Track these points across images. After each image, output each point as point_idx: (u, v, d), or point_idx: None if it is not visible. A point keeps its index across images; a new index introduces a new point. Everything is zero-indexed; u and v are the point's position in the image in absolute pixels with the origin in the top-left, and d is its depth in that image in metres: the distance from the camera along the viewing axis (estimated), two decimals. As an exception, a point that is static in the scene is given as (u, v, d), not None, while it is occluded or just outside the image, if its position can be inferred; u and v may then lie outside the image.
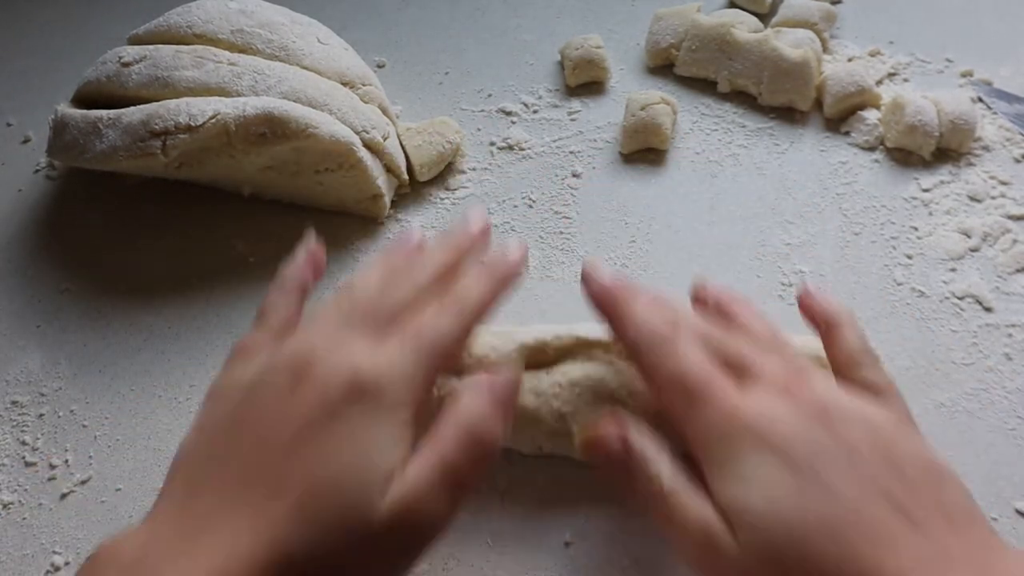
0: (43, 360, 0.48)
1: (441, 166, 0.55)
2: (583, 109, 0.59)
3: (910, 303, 0.46)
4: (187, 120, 0.47)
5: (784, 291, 0.47)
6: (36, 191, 0.58)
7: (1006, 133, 0.54)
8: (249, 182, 0.53)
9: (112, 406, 0.45)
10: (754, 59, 0.56)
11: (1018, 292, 0.46)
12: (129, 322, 0.49)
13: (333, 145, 0.49)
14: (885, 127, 0.54)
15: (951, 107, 0.52)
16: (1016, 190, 0.51)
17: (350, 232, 0.53)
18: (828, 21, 0.61)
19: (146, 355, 0.48)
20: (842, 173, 0.53)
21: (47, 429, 0.45)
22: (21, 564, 0.40)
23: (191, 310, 0.49)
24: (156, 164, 0.48)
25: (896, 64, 0.59)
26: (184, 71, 0.50)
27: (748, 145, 0.55)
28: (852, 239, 0.50)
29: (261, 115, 0.47)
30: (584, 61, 0.59)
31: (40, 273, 0.53)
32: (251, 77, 0.50)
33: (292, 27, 0.54)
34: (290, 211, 0.53)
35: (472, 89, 0.61)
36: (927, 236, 0.49)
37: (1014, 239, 0.48)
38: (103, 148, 0.49)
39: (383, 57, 0.65)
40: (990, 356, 0.44)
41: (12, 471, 0.43)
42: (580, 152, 0.56)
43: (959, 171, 0.52)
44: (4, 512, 0.42)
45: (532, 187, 0.54)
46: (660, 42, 0.60)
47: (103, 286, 0.51)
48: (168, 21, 0.54)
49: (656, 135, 0.54)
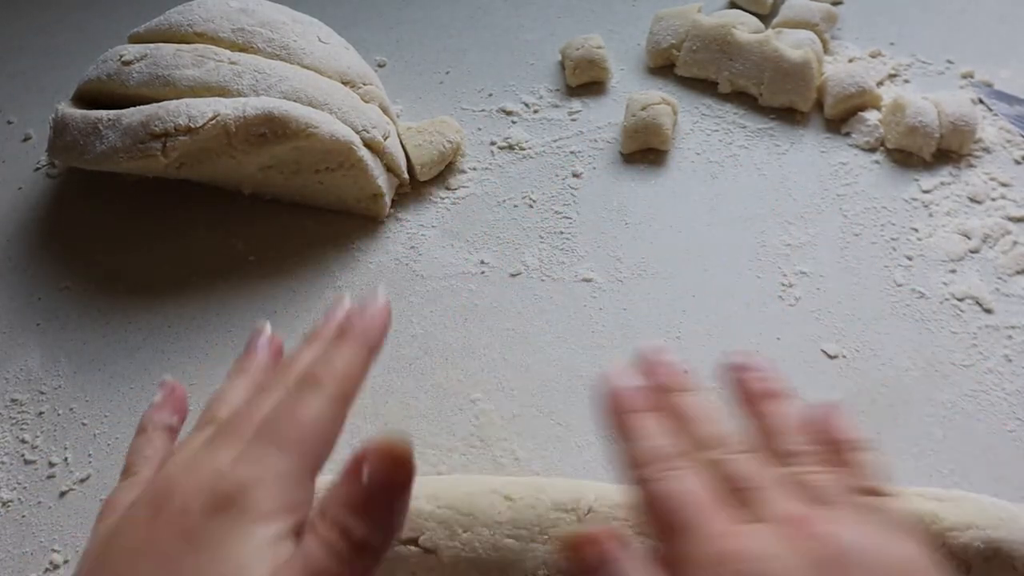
0: (43, 358, 0.48)
1: (441, 166, 0.55)
2: (584, 109, 0.59)
3: (910, 304, 0.46)
4: (187, 121, 0.47)
5: (784, 291, 0.47)
6: (36, 189, 0.58)
7: (1006, 135, 0.54)
8: (249, 181, 0.53)
9: (111, 404, 0.45)
10: (755, 60, 0.56)
11: (1018, 294, 0.46)
12: (129, 320, 0.49)
13: (333, 144, 0.49)
14: (886, 128, 0.54)
15: (952, 108, 0.52)
16: (1016, 192, 0.51)
17: (350, 231, 0.53)
18: (829, 22, 0.61)
19: (145, 353, 0.48)
20: (842, 174, 0.53)
21: (46, 427, 0.45)
22: (20, 562, 0.40)
23: (191, 309, 0.49)
24: (156, 165, 0.48)
25: (897, 65, 0.59)
26: (185, 70, 0.50)
27: (748, 146, 0.55)
28: (852, 240, 0.50)
29: (261, 115, 0.47)
30: (585, 61, 0.59)
31: (40, 271, 0.53)
32: (252, 76, 0.50)
33: (293, 26, 0.54)
34: (290, 210, 0.53)
35: (473, 89, 0.61)
36: (927, 237, 0.49)
37: (1014, 241, 0.48)
38: (103, 149, 0.49)
39: (384, 56, 0.65)
40: (990, 358, 0.44)
41: (11, 469, 0.43)
42: (580, 152, 0.56)
43: (959, 172, 0.52)
44: (3, 510, 0.42)
45: (532, 187, 0.54)
46: (661, 42, 0.60)
47: (103, 284, 0.51)
48: (169, 20, 0.54)
49: (657, 135, 0.54)
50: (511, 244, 0.51)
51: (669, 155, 0.55)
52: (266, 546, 0.27)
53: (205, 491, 0.27)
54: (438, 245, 0.51)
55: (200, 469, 0.28)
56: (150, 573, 0.26)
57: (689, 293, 0.48)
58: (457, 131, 0.55)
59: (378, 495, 0.28)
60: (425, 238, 0.52)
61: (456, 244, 0.50)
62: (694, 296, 0.48)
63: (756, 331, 0.46)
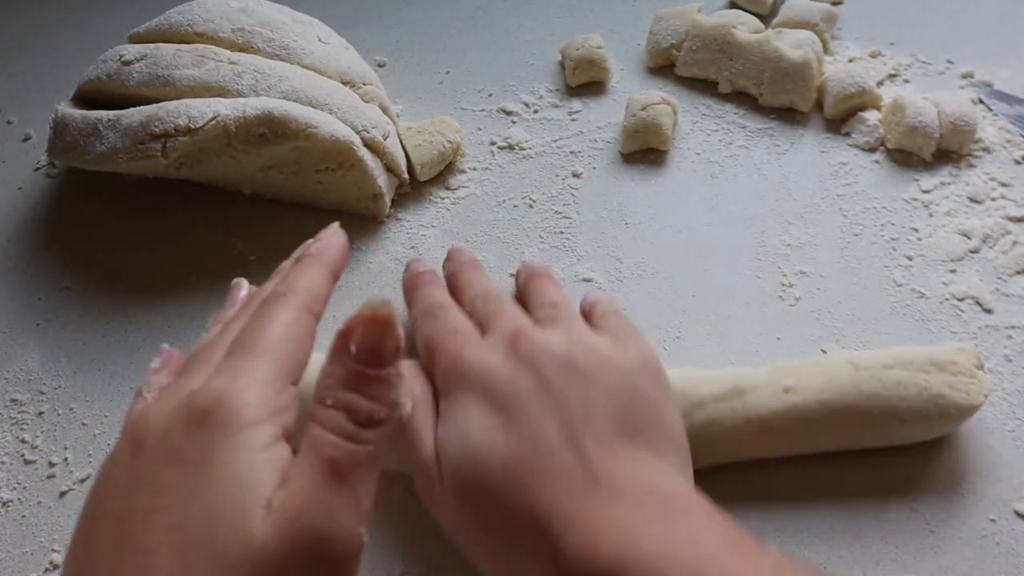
0: (43, 358, 0.48)
1: (441, 166, 0.55)
2: (584, 109, 0.59)
3: (910, 304, 0.46)
4: (187, 122, 0.47)
5: (784, 292, 0.47)
6: (36, 189, 0.58)
7: (1006, 135, 0.54)
8: (249, 182, 0.53)
9: (111, 404, 0.45)
10: (755, 60, 0.56)
11: (1018, 294, 0.46)
12: (129, 320, 0.49)
13: (333, 144, 0.49)
14: (886, 128, 0.54)
15: (952, 108, 0.52)
16: (1016, 192, 0.51)
17: (350, 232, 0.51)
18: (829, 22, 0.61)
19: (145, 353, 0.47)
20: (842, 174, 0.53)
21: (46, 427, 0.45)
22: (20, 562, 0.40)
23: (191, 309, 0.49)
24: (156, 166, 0.48)
25: (897, 65, 0.59)
26: (185, 70, 0.50)
27: (748, 146, 0.55)
28: (852, 240, 0.50)
29: (261, 116, 0.47)
30: (585, 61, 0.59)
31: (40, 271, 0.53)
32: (252, 76, 0.50)
33: (293, 26, 0.54)
34: (290, 211, 0.53)
35: (473, 89, 0.61)
36: (927, 237, 0.49)
37: (1014, 241, 0.48)
38: (103, 150, 0.49)
39: (384, 56, 0.65)
40: (990, 358, 0.43)
41: (11, 469, 0.43)
42: (580, 152, 0.56)
43: (959, 172, 0.52)
44: (3, 510, 0.42)
45: (532, 187, 0.54)
46: (661, 42, 0.60)
47: (103, 284, 0.51)
48: (169, 19, 0.54)
49: (657, 135, 0.54)
50: (511, 244, 0.51)
51: (669, 155, 0.55)
52: (261, 451, 0.26)
53: (182, 411, 0.26)
54: (438, 245, 0.51)
55: (174, 397, 0.27)
56: (147, 505, 0.25)
57: (689, 293, 0.48)
58: (457, 131, 0.55)
59: (373, 364, 0.27)
60: (425, 238, 0.52)
61: (456, 244, 0.50)
62: (694, 296, 0.48)
63: (756, 331, 0.46)
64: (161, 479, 0.25)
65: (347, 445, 0.26)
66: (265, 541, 0.24)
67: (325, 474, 0.25)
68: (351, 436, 0.26)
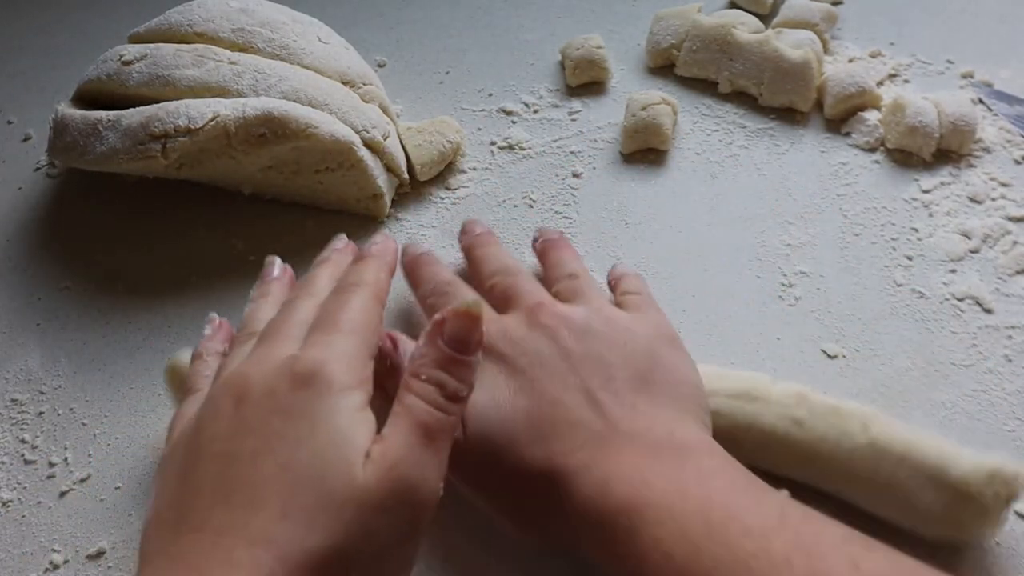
0: (43, 358, 0.48)
1: (441, 166, 0.55)
2: (584, 109, 0.59)
3: (910, 304, 0.46)
4: (186, 122, 0.47)
5: (784, 292, 0.47)
6: (36, 189, 0.58)
7: (1006, 135, 0.54)
8: (249, 182, 0.53)
9: (111, 404, 0.45)
10: (755, 60, 0.56)
11: (1018, 294, 0.46)
12: (129, 320, 0.49)
13: (333, 145, 0.49)
14: (886, 128, 0.54)
15: (952, 108, 0.52)
16: (1016, 192, 0.51)
17: (350, 231, 0.52)
18: (829, 22, 0.61)
19: (145, 353, 0.48)
20: (842, 174, 0.53)
21: (46, 427, 0.45)
22: (20, 562, 0.40)
23: (191, 309, 0.49)
24: (156, 166, 0.48)
25: (897, 65, 0.59)
26: (185, 70, 0.50)
27: (748, 146, 0.55)
28: (852, 240, 0.50)
29: (261, 116, 0.47)
30: (585, 61, 0.59)
31: (40, 271, 0.53)
32: (251, 76, 0.50)
33: (293, 26, 0.54)
34: (290, 211, 0.53)
35: (473, 89, 0.61)
36: (927, 237, 0.49)
37: (1014, 241, 0.48)
38: (103, 150, 0.49)
39: (384, 56, 0.65)
40: (990, 358, 0.44)
41: (11, 469, 0.43)
42: (580, 152, 0.56)
43: (959, 172, 0.52)
44: (3, 510, 0.42)
45: (532, 187, 0.54)
46: (661, 42, 0.60)
47: (103, 284, 0.51)
48: (169, 19, 0.54)
49: (657, 135, 0.54)
50: (511, 244, 0.51)
51: (669, 155, 0.55)
52: (356, 412, 0.30)
53: (285, 373, 0.30)
54: (438, 245, 0.51)
55: (269, 360, 0.32)
56: (255, 447, 0.29)
57: (689, 293, 0.48)
58: (457, 131, 0.55)
59: (460, 351, 0.31)
60: (425, 238, 0.52)
61: (456, 244, 0.50)
62: (694, 296, 0.48)
63: (756, 331, 0.46)
64: (269, 426, 0.29)
65: (437, 414, 0.30)
66: (366, 484, 0.28)
67: (418, 435, 0.30)
68: (441, 407, 0.30)
